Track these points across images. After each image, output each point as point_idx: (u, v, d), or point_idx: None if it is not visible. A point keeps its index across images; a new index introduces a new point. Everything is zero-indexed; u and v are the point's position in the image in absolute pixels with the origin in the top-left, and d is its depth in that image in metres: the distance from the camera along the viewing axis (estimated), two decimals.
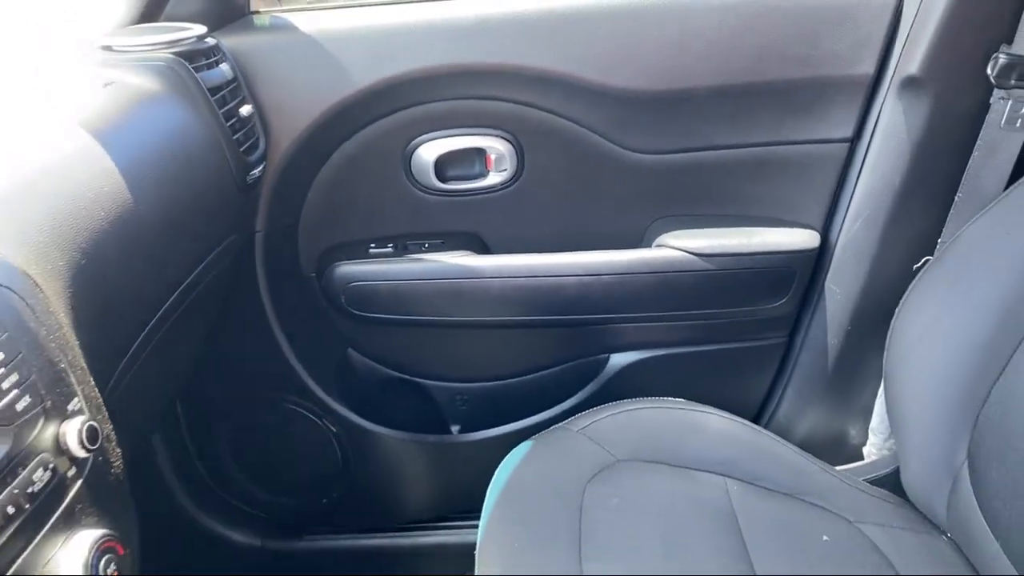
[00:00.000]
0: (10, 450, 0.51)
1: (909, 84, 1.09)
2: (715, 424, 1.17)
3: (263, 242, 1.20)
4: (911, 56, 1.08)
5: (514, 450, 1.10)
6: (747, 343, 1.30)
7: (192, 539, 1.39)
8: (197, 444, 1.36)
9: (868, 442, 1.29)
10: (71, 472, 0.55)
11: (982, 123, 1.07)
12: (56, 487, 0.53)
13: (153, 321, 0.82)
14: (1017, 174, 1.06)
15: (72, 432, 0.54)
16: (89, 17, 1.00)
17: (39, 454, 0.53)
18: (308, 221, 1.22)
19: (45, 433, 0.54)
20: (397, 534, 1.42)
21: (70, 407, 0.56)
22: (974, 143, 1.08)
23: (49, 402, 0.54)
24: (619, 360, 1.31)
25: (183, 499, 1.37)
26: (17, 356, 0.52)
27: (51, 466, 0.53)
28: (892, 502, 1.13)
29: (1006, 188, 1.06)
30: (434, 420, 1.38)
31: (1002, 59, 1.04)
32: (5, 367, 0.51)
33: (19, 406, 0.52)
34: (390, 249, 1.25)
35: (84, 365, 0.59)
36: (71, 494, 0.54)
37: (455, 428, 1.38)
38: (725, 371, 1.31)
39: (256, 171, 1.06)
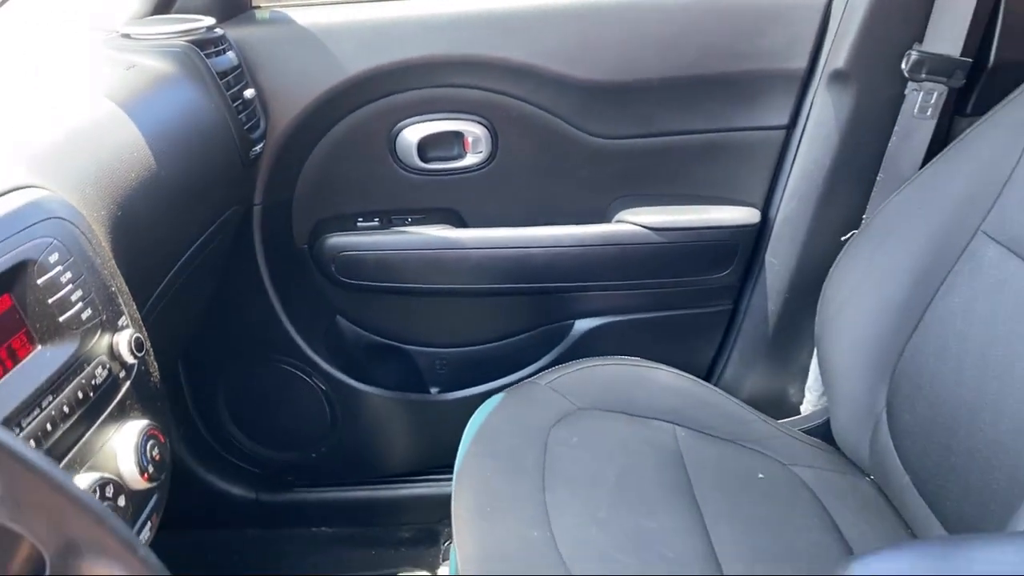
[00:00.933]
0: (77, 350, 0.62)
1: (836, 77, 1.23)
2: (665, 379, 1.29)
3: (261, 215, 1.31)
4: (838, 53, 1.22)
5: (488, 400, 1.21)
6: (696, 310, 1.42)
7: (191, 493, 1.50)
8: (196, 403, 1.47)
9: (805, 399, 1.43)
10: (122, 374, 0.66)
11: (898, 112, 1.21)
12: (111, 384, 0.65)
13: (174, 270, 0.94)
14: (929, 156, 1.19)
15: (123, 342, 0.66)
16: (111, 9, 1.11)
17: (98, 356, 0.64)
18: (302, 196, 1.33)
19: (102, 341, 0.65)
20: (381, 486, 1.53)
21: (120, 322, 0.67)
22: (892, 129, 1.22)
23: (104, 316, 0.65)
24: (583, 325, 1.43)
25: (184, 456, 1.47)
26: (80, 277, 0.64)
27: (107, 367, 0.65)
28: (822, 448, 1.26)
29: (920, 169, 1.20)
30: (415, 381, 1.49)
31: (914, 56, 1.18)
32: (72, 284, 0.63)
33: (83, 316, 0.63)
34: (376, 223, 1.37)
35: (128, 291, 0.70)
36: (122, 391, 0.66)
37: (434, 389, 1.50)
38: (677, 335, 1.44)
39: (257, 148, 1.18)
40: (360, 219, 1.36)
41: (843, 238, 1.28)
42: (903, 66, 1.18)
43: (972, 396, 0.98)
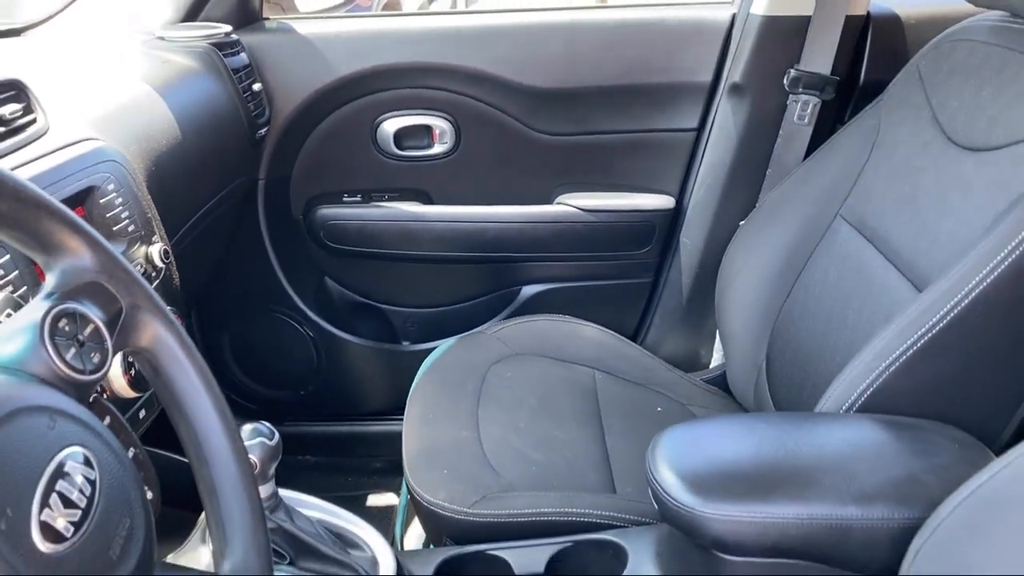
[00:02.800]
0: (123, 252, 0.87)
1: (734, 90, 1.47)
2: (591, 333, 1.52)
3: (263, 189, 1.56)
4: (735, 69, 1.46)
5: (442, 344, 1.45)
6: (623, 281, 1.66)
7: None
8: (206, 346, 1.71)
9: (713, 357, 1.66)
10: (153, 274, 0.91)
11: (782, 119, 1.45)
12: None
13: (190, 221, 1.18)
14: (808, 155, 1.43)
15: (156, 251, 0.90)
16: (149, 17, 1.36)
17: (136, 260, 0.89)
18: (298, 174, 1.58)
19: (140, 249, 0.89)
20: (357, 422, 1.76)
21: (153, 238, 0.92)
22: (777, 133, 1.46)
23: (143, 232, 0.90)
24: (528, 291, 1.67)
25: None
26: (128, 202, 0.88)
27: (143, 269, 0.89)
28: (717, 393, 1.49)
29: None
30: (389, 334, 1.73)
31: (793, 73, 1.42)
32: (122, 206, 0.87)
33: (129, 228, 0.88)
34: (359, 198, 1.61)
35: (160, 219, 0.95)
36: (154, 286, 0.90)
37: (405, 342, 1.74)
38: (608, 302, 1.68)
39: (262, 131, 1.43)
40: (346, 195, 1.61)
41: (740, 222, 1.51)
42: (785, 81, 1.43)
43: (820, 344, 1.20)
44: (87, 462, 0.43)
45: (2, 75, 0.85)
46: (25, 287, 0.69)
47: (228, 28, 1.38)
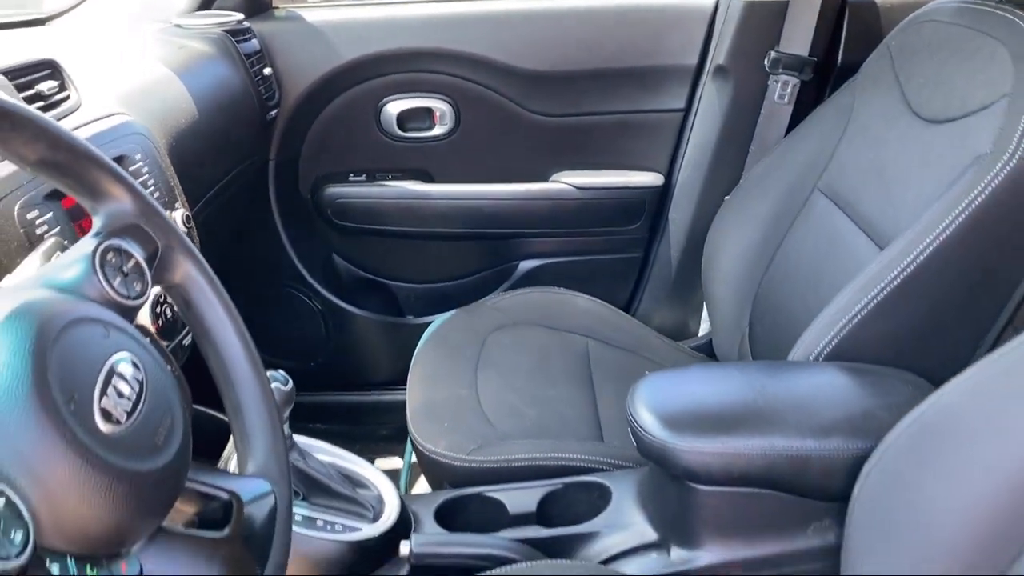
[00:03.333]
0: None
1: (718, 72, 1.55)
2: (584, 304, 1.59)
3: (274, 169, 1.63)
4: (719, 52, 1.53)
5: (443, 315, 1.53)
6: (615, 255, 1.74)
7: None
8: None
9: (700, 328, 1.74)
10: None
11: (763, 99, 1.52)
12: None
13: (206, 197, 1.26)
14: (788, 132, 1.50)
15: (179, 215, 0.98)
16: (167, 6, 1.44)
17: None
18: (307, 154, 1.65)
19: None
20: (364, 392, 1.84)
21: (176, 204, 1.00)
22: (759, 112, 1.53)
23: (167, 199, 0.98)
24: (525, 266, 1.75)
25: None
26: (153, 171, 0.96)
27: None
28: (704, 360, 1.57)
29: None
30: (394, 308, 1.81)
31: (772, 55, 1.49)
32: (148, 174, 0.95)
33: (155, 195, 0.96)
34: (364, 178, 1.68)
35: (182, 189, 1.03)
36: None
37: (409, 316, 1.82)
38: (601, 276, 1.75)
39: (272, 113, 1.51)
40: (352, 174, 1.69)
41: (725, 197, 1.58)
42: (765, 63, 1.50)
43: (798, 307, 1.27)
44: (135, 365, 0.51)
45: (39, 55, 0.93)
46: (66, 241, 0.77)
47: (240, 16, 1.45)
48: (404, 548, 0.92)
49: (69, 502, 0.43)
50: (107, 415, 0.47)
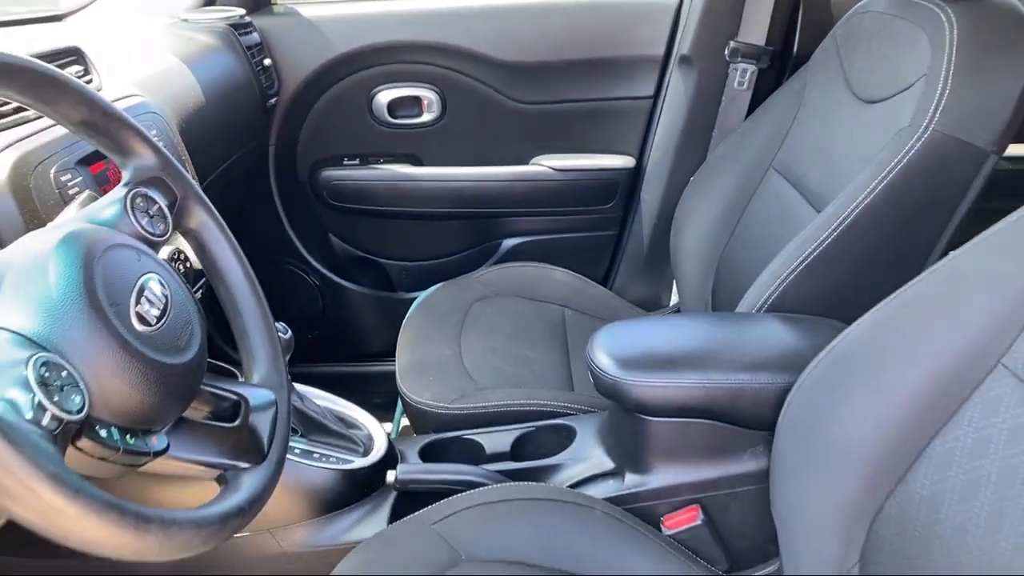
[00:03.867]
0: None
1: (683, 61, 1.66)
2: (561, 277, 1.70)
3: (274, 153, 1.74)
4: (683, 43, 1.64)
5: (431, 287, 1.64)
6: (592, 233, 1.85)
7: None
8: None
9: (671, 299, 1.85)
10: None
11: (724, 85, 1.64)
12: None
13: (214, 175, 1.37)
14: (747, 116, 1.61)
15: None
16: (174, 3, 1.55)
17: None
18: (304, 140, 1.77)
19: None
20: (358, 363, 1.96)
21: (188, 175, 1.11)
22: (721, 98, 1.64)
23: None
24: (508, 243, 1.86)
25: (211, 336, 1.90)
26: (168, 148, 1.08)
27: None
28: None
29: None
30: (386, 284, 1.93)
31: (732, 45, 1.60)
32: (164, 146, 1.06)
33: None
34: (357, 161, 1.80)
35: (194, 165, 1.14)
36: None
37: (400, 292, 1.93)
38: (580, 253, 1.86)
39: (272, 101, 1.62)
40: (346, 158, 1.80)
41: (691, 177, 1.70)
42: (726, 52, 1.61)
43: (755, 274, 1.37)
44: (161, 284, 0.62)
45: (65, 43, 1.04)
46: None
47: (242, 11, 1.56)
48: (390, 476, 1.04)
49: (113, 382, 0.55)
50: (141, 318, 0.58)
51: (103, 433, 0.54)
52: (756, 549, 1.01)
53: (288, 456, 0.96)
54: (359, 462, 1.05)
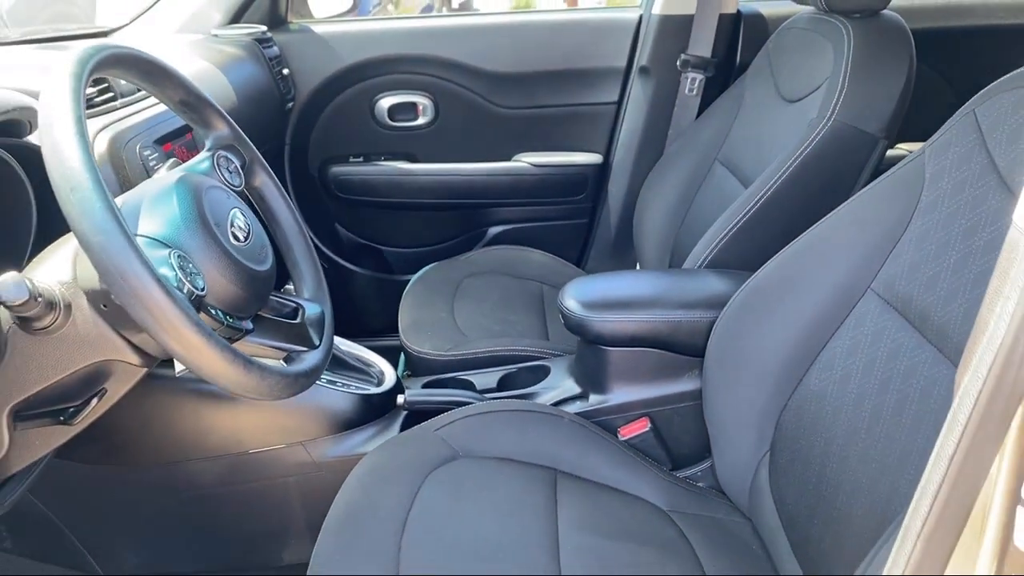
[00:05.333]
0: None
1: (642, 71, 1.90)
2: (540, 258, 1.92)
3: (288, 151, 1.96)
4: (643, 56, 1.88)
5: (427, 266, 1.86)
6: (567, 221, 2.07)
7: None
8: None
9: None
10: None
11: (677, 92, 1.88)
12: None
13: None
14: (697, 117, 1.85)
15: None
16: (205, 21, 1.77)
17: None
18: (315, 139, 1.99)
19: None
20: (362, 339, 2.15)
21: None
22: (675, 102, 1.88)
23: None
24: (492, 231, 2.08)
25: None
26: None
27: None
28: None
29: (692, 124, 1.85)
30: (387, 268, 2.14)
31: (683, 57, 1.84)
32: None
33: None
34: (361, 159, 2.02)
35: None
36: None
37: (399, 275, 2.14)
38: (556, 238, 2.07)
39: (289, 104, 1.84)
40: (351, 156, 2.02)
41: (651, 171, 1.93)
42: (678, 64, 1.85)
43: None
44: (244, 216, 0.84)
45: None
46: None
47: (264, 28, 1.79)
48: (400, 399, 1.25)
49: (218, 277, 0.77)
50: (235, 236, 0.80)
51: (213, 311, 0.75)
52: (693, 452, 1.23)
53: (316, 383, 1.18)
54: (374, 390, 1.26)
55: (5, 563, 1.28)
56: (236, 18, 1.81)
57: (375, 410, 1.26)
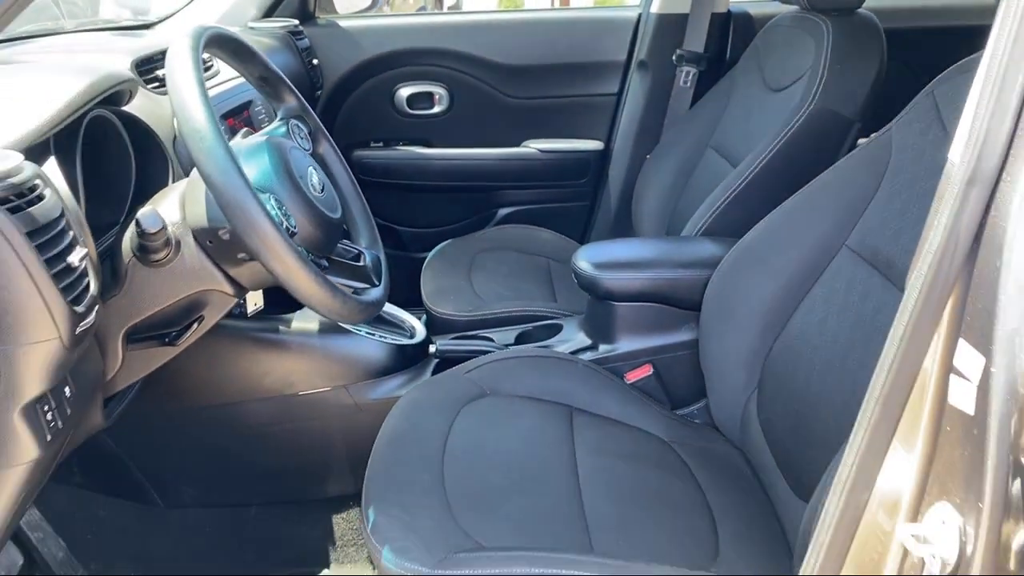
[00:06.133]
0: None
1: (641, 65, 2.04)
2: (547, 236, 2.06)
3: None
4: (641, 51, 2.03)
5: (444, 242, 2.00)
6: (570, 203, 2.22)
7: None
8: None
9: None
10: None
11: (672, 84, 2.02)
12: None
13: None
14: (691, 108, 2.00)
15: None
16: (242, 15, 1.90)
17: None
18: (340, 125, 2.11)
19: None
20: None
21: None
22: (671, 94, 2.03)
23: None
24: (503, 211, 2.22)
25: None
26: (268, 114, 1.43)
27: None
28: None
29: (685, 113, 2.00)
30: (405, 246, 2.28)
31: (678, 52, 1.99)
32: (264, 115, 1.42)
33: None
34: (382, 144, 2.16)
35: None
36: None
37: (414, 253, 2.27)
38: (561, 218, 2.20)
39: (318, 93, 1.98)
40: (373, 141, 2.15)
41: (648, 156, 2.07)
42: (673, 58, 2.00)
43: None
44: (318, 172, 0.98)
45: None
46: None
47: (296, 21, 1.92)
48: (432, 348, 1.39)
49: (303, 220, 0.90)
50: (313, 187, 0.94)
51: (299, 249, 0.89)
52: (690, 393, 1.37)
53: (357, 333, 1.32)
54: (407, 341, 1.40)
55: (76, 497, 1.41)
56: (269, 12, 1.94)
57: (409, 359, 1.40)
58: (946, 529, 0.61)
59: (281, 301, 1.41)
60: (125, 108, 1.04)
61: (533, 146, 2.14)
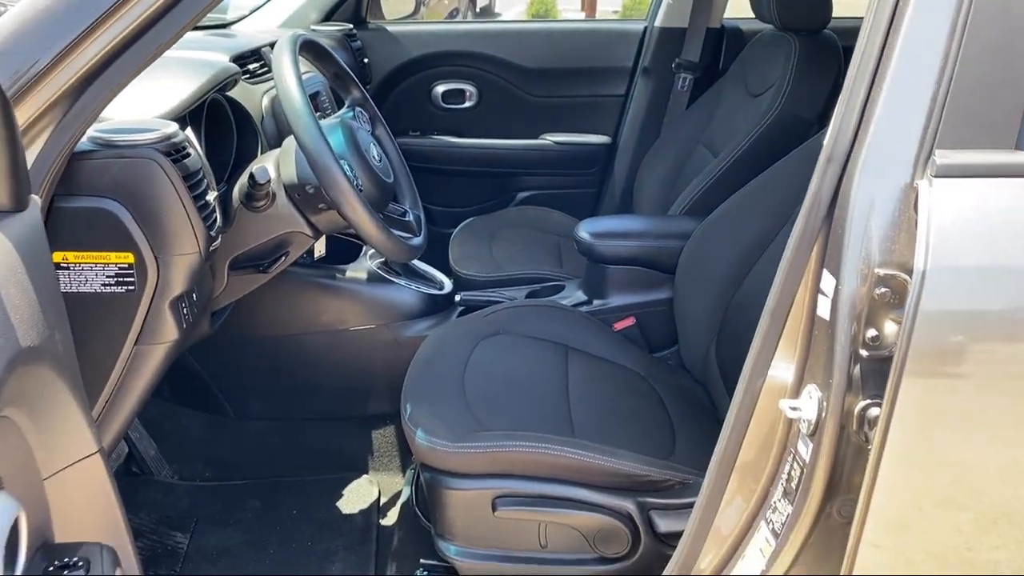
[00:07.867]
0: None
1: (644, 71, 2.29)
2: (558, 217, 2.30)
3: None
4: (645, 58, 2.27)
5: (467, 220, 2.26)
6: (581, 190, 2.46)
7: None
8: None
9: None
10: None
11: (671, 89, 2.27)
12: None
13: None
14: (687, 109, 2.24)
15: None
16: (301, 19, 2.17)
17: None
18: (384, 117, 2.36)
19: None
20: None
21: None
22: (669, 97, 2.28)
23: None
24: (521, 195, 2.48)
25: None
26: (331, 105, 1.70)
27: None
28: None
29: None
30: (432, 222, 2.54)
31: (677, 61, 2.23)
32: (328, 104, 1.68)
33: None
34: (419, 134, 2.42)
35: None
36: None
37: (444, 229, 2.54)
38: (572, 203, 2.45)
39: (368, 86, 2.24)
40: (411, 131, 2.42)
41: (648, 151, 2.32)
42: (672, 66, 2.24)
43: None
44: (376, 147, 1.24)
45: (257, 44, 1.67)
46: None
47: (350, 26, 2.19)
48: (457, 297, 1.66)
49: (368, 183, 1.17)
50: (374, 158, 1.21)
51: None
52: (665, 341, 1.63)
53: (398, 283, 1.59)
54: (437, 291, 1.67)
55: (165, 408, 1.70)
56: (328, 17, 2.22)
57: (438, 306, 1.67)
58: (811, 401, 0.87)
59: (339, 253, 1.69)
60: (229, 94, 1.31)
61: (549, 139, 2.40)
